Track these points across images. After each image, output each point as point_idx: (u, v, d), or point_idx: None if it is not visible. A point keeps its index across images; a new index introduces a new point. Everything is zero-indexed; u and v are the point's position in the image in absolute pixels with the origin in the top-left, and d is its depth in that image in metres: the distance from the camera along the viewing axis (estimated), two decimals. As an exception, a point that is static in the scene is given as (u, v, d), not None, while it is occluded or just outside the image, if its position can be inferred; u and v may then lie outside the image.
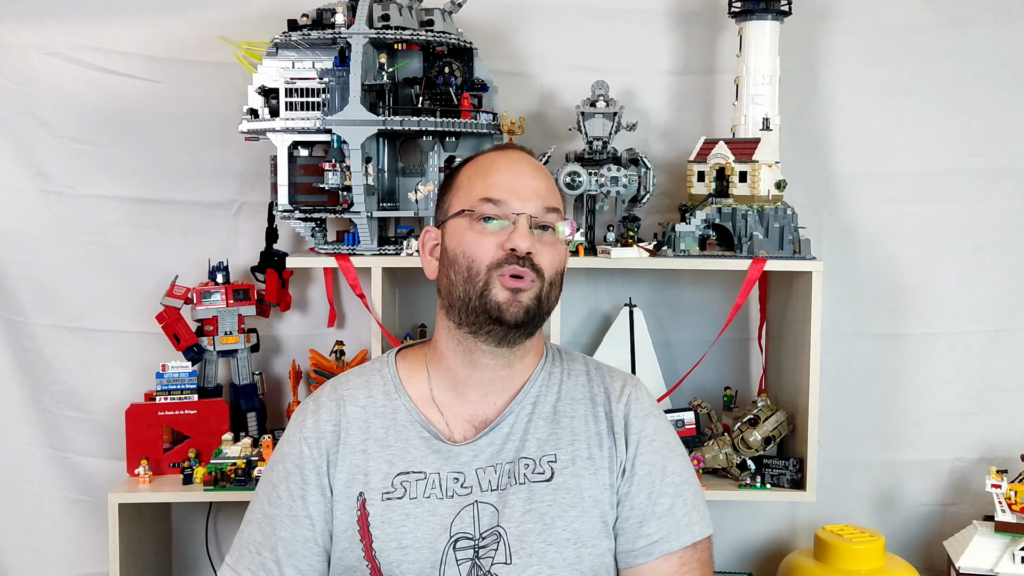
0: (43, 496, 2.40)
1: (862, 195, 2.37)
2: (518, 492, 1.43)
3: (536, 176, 1.48)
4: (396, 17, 2.03)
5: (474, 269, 1.42)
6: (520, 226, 1.42)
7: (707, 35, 2.35)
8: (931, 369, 2.40)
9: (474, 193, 1.46)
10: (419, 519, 1.42)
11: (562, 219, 1.49)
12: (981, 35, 2.34)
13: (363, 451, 1.46)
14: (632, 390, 1.53)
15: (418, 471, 1.44)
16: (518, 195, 1.44)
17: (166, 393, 2.16)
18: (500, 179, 1.46)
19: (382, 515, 1.42)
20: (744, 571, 2.41)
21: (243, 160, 2.33)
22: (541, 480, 1.44)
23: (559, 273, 1.48)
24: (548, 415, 1.49)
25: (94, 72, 2.30)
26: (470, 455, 1.45)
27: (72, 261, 2.35)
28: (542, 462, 1.45)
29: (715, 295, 2.38)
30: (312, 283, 2.40)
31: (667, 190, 2.35)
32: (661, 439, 1.51)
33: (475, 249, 1.43)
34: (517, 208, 1.43)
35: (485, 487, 1.44)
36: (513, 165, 1.49)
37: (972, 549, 2.09)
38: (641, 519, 1.46)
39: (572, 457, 1.46)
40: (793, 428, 2.18)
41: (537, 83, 2.36)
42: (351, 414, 1.49)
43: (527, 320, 1.42)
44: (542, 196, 1.46)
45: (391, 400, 1.50)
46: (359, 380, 1.53)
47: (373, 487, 1.44)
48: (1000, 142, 2.36)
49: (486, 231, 1.43)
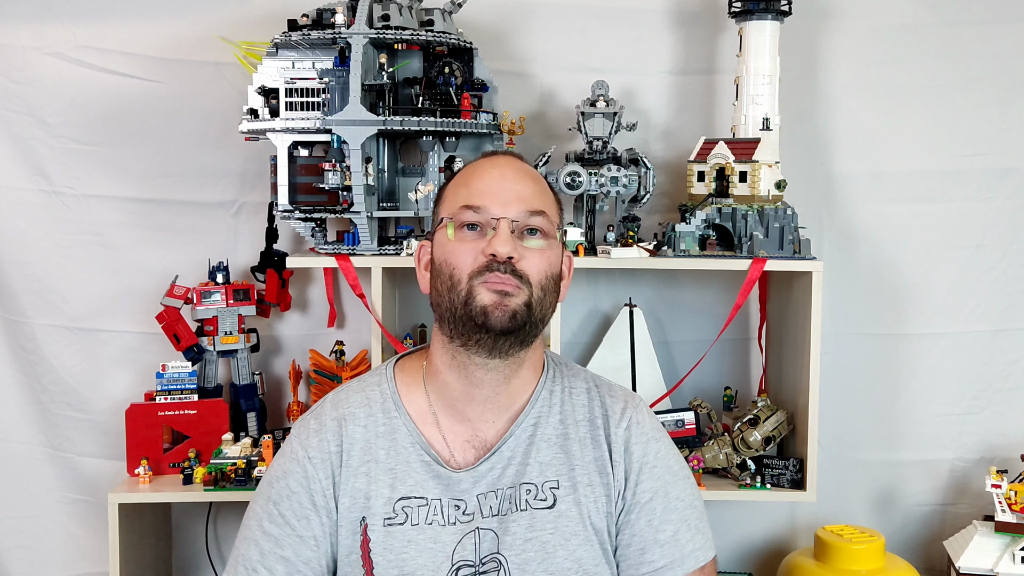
0: (43, 496, 2.40)
1: (862, 195, 2.37)
2: (519, 519, 1.40)
3: (520, 180, 1.44)
4: (396, 17, 2.03)
5: (456, 277, 1.39)
6: (500, 231, 1.37)
7: (707, 35, 2.35)
8: (931, 369, 2.40)
9: (456, 201, 1.43)
10: (421, 546, 1.39)
11: (551, 222, 1.43)
12: (981, 35, 2.34)
13: (365, 473, 1.43)
14: (633, 413, 1.49)
15: (419, 496, 1.41)
16: (499, 200, 1.40)
17: (166, 393, 2.16)
18: (482, 185, 1.43)
19: (384, 541, 1.40)
20: (744, 571, 2.41)
21: (243, 160, 2.33)
22: (543, 507, 1.41)
23: (551, 278, 1.42)
24: (550, 438, 1.45)
25: (94, 72, 2.31)
26: (471, 482, 1.42)
27: (72, 261, 2.35)
28: (544, 488, 1.42)
29: (715, 295, 2.38)
30: (312, 283, 2.40)
31: (667, 190, 2.35)
32: (663, 464, 1.47)
33: (456, 257, 1.40)
34: (497, 213, 1.39)
35: (486, 513, 1.41)
36: (496, 170, 1.45)
37: (972, 549, 2.09)
38: (643, 546, 1.43)
39: (573, 483, 1.43)
40: (793, 428, 2.18)
41: (537, 83, 2.36)
42: (352, 434, 1.45)
43: (514, 327, 1.37)
44: (526, 200, 1.41)
45: (391, 419, 1.46)
46: (359, 397, 1.49)
47: (375, 512, 1.41)
48: (1000, 142, 2.36)
49: (467, 239, 1.40)
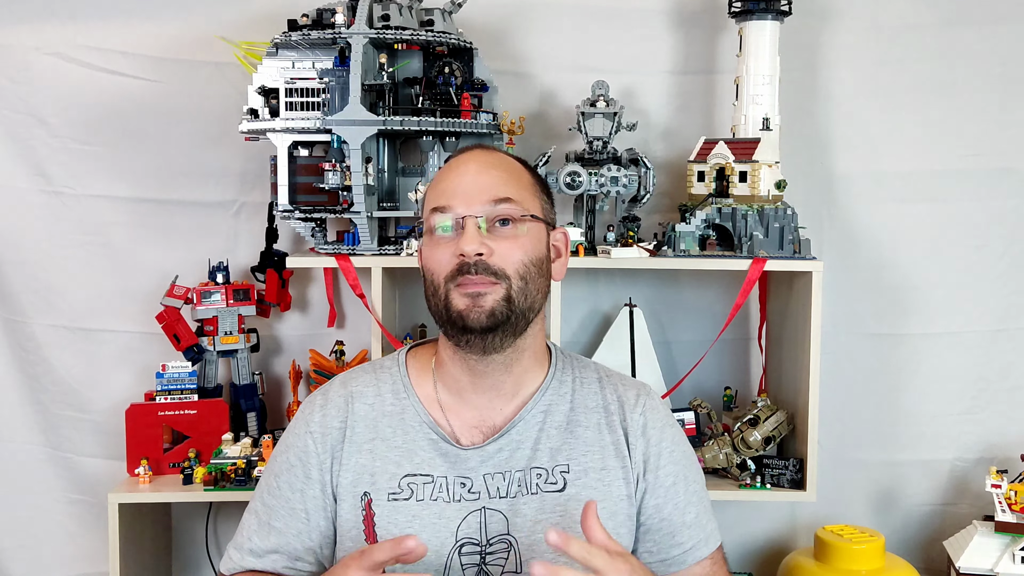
0: (43, 496, 2.40)
1: (862, 195, 2.37)
2: (529, 502, 1.42)
3: (483, 171, 1.43)
4: (396, 17, 2.03)
5: (436, 283, 1.41)
6: (466, 230, 1.37)
7: (707, 35, 2.35)
8: (931, 369, 2.39)
9: (428, 205, 1.44)
10: (425, 521, 1.41)
11: (523, 206, 1.41)
12: (981, 35, 2.34)
13: (370, 450, 1.45)
14: (647, 399, 1.53)
15: (425, 474, 1.43)
16: (461, 197, 1.40)
17: (166, 393, 2.16)
18: (446, 185, 1.43)
19: (388, 516, 1.42)
20: (744, 571, 2.40)
21: (243, 160, 2.33)
22: (553, 490, 1.43)
23: (532, 264, 1.41)
24: (561, 424, 1.47)
25: (94, 72, 2.30)
26: (478, 460, 1.43)
27: (72, 261, 2.35)
28: (554, 472, 1.44)
29: (715, 295, 2.38)
30: (312, 283, 2.39)
31: (667, 190, 2.35)
32: (679, 449, 1.52)
33: (431, 262, 1.42)
34: (461, 211, 1.39)
35: (494, 494, 1.42)
36: (460, 166, 1.45)
37: (972, 549, 2.09)
38: (672, 530, 1.49)
39: (584, 468, 1.45)
40: (793, 428, 2.18)
41: (537, 83, 2.36)
42: (359, 411, 1.47)
43: (495, 323, 1.38)
44: (489, 190, 1.40)
45: (400, 400, 1.48)
46: (369, 377, 1.52)
47: (379, 487, 1.43)
48: (1000, 142, 2.35)
49: (441, 242, 1.41)
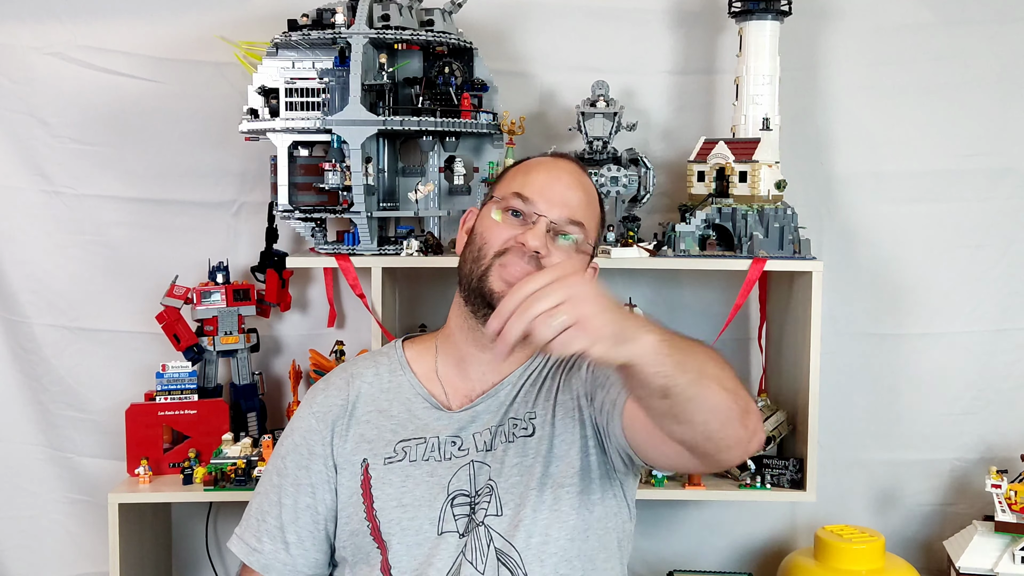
0: (43, 496, 2.40)
1: (862, 195, 2.37)
2: (508, 449, 1.50)
3: (572, 187, 1.52)
4: (396, 17, 2.03)
5: (483, 252, 1.49)
6: (537, 227, 1.46)
7: (707, 35, 2.35)
8: (931, 369, 2.39)
9: (511, 186, 1.52)
10: (418, 479, 1.49)
11: (587, 237, 1.51)
12: (981, 35, 2.34)
13: (368, 422, 1.54)
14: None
15: (419, 437, 1.52)
16: (547, 199, 1.49)
17: (166, 393, 2.16)
18: (537, 180, 1.52)
19: (383, 477, 1.50)
20: (744, 571, 2.40)
21: (243, 160, 2.33)
22: (524, 435, 1.51)
23: None
24: (536, 381, 1.56)
25: (94, 72, 2.30)
26: (468, 419, 1.52)
27: (72, 261, 2.35)
28: (525, 418, 1.52)
29: (715, 295, 2.38)
30: (312, 283, 2.39)
31: (667, 190, 2.35)
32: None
33: (490, 234, 1.49)
34: (542, 210, 1.48)
35: (480, 447, 1.51)
36: (554, 170, 1.54)
37: (972, 549, 2.09)
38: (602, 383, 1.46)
39: (549, 414, 1.52)
40: (793, 428, 2.18)
41: (537, 83, 2.36)
42: (358, 388, 1.57)
43: None
44: (571, 207, 1.50)
45: (396, 376, 1.59)
46: (368, 361, 1.64)
47: (377, 453, 1.51)
48: (1000, 142, 2.35)
49: (507, 223, 1.49)
